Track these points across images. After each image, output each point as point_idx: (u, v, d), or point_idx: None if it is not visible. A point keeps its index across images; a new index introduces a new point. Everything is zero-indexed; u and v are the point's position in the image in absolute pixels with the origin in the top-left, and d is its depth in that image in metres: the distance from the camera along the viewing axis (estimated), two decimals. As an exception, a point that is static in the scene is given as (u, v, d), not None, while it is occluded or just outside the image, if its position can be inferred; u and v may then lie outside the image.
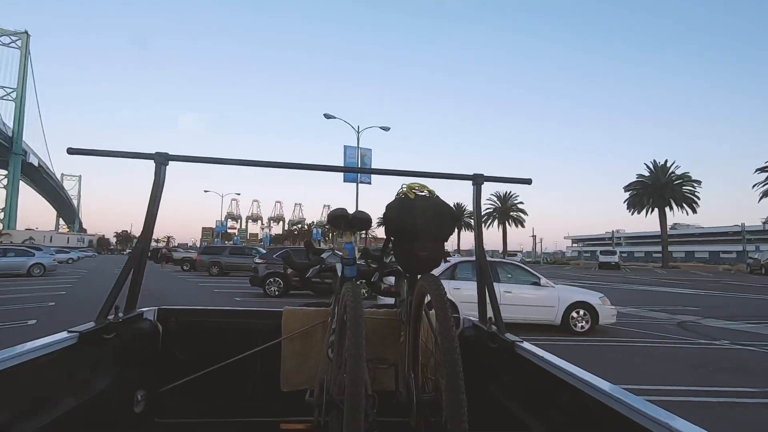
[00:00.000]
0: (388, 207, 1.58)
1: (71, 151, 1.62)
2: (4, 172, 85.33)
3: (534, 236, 68.06)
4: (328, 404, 1.35)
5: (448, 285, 7.39)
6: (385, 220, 1.57)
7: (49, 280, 16.87)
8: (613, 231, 72.54)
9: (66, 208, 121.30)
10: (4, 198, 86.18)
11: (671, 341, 7.18)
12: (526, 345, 1.51)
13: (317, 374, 1.61)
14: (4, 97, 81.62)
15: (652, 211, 43.65)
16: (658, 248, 49.30)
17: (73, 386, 1.34)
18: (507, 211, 58.73)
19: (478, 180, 1.77)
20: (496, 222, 59.65)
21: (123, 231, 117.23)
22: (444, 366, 1.20)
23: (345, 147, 24.84)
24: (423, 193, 1.58)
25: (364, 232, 2.01)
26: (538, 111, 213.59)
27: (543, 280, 7.74)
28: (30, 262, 18.18)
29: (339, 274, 1.73)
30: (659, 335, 7.59)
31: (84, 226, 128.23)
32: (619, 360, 5.98)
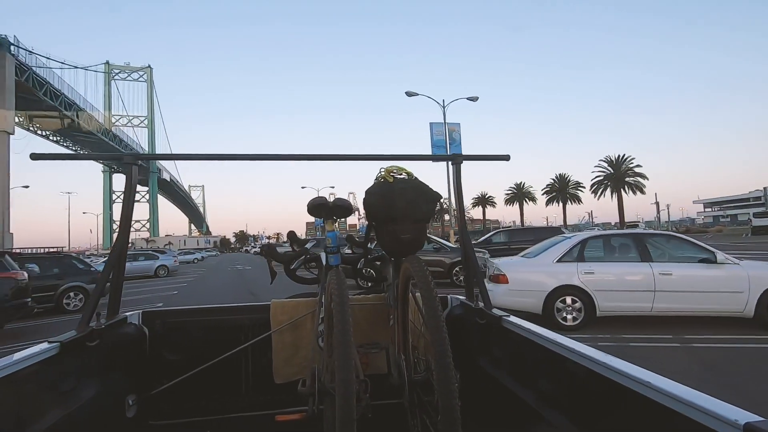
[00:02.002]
0: (368, 192, 1.57)
1: (34, 157, 1.60)
2: (146, 188, 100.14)
3: (657, 203, 58.97)
4: (320, 392, 1.35)
5: (576, 268, 5.66)
6: (365, 206, 1.56)
7: (173, 279, 18.67)
8: (765, 188, 59.06)
9: (194, 215, 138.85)
10: (148, 210, 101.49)
11: None
12: (513, 319, 1.52)
13: (309, 364, 1.59)
14: (139, 125, 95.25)
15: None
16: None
17: (58, 397, 1.31)
18: (622, 177, 51.25)
19: (457, 159, 1.79)
20: (608, 191, 52.54)
21: (240, 231, 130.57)
22: (432, 345, 1.19)
23: (431, 124, 23.31)
24: (402, 176, 1.57)
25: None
26: (655, 60, 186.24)
27: (720, 255, 5.47)
28: (156, 265, 20.21)
29: (324, 263, 1.75)
30: None
31: (210, 228, 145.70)
32: None
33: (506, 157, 1.85)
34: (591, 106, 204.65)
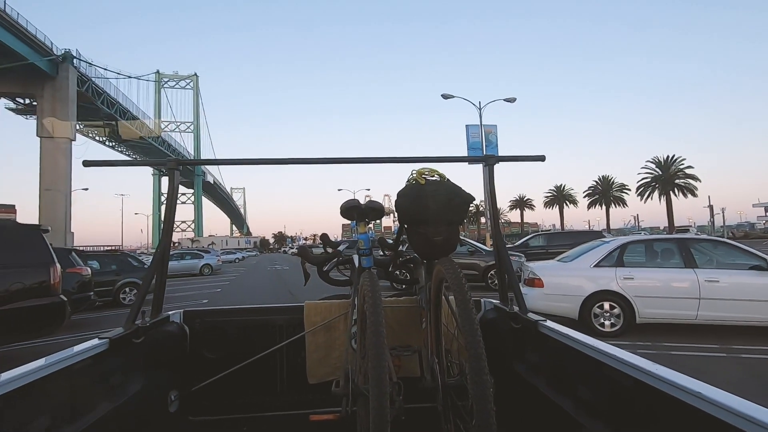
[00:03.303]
0: (399, 194, 1.56)
1: (86, 164, 1.65)
2: (191, 191, 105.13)
3: (711, 206, 55.40)
4: (354, 393, 1.35)
5: (614, 273, 5.55)
6: (397, 208, 1.56)
7: (216, 277, 19.58)
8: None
9: (236, 216, 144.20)
10: (193, 211, 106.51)
11: None
12: (550, 323, 1.48)
13: (342, 365, 1.62)
14: (185, 131, 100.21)
15: None
16: None
17: (107, 390, 1.37)
18: (671, 179, 48.50)
19: (489, 161, 1.76)
20: (656, 193, 49.87)
21: (279, 232, 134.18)
22: (466, 348, 1.16)
23: (467, 126, 23.21)
24: (434, 178, 1.56)
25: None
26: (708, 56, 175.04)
27: (772, 262, 5.20)
28: (200, 264, 21.31)
29: (356, 265, 1.75)
30: None
31: (250, 229, 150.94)
32: None
33: (541, 158, 1.81)
34: (638, 104, 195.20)
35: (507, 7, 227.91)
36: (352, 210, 1.70)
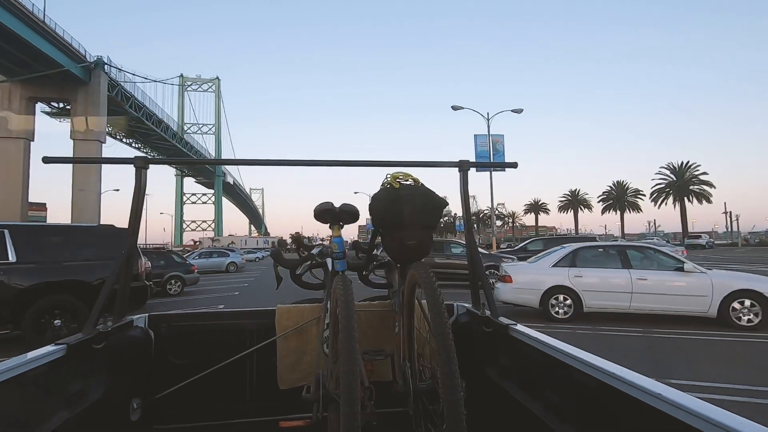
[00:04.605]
0: (374, 198, 1.57)
1: (46, 160, 1.63)
2: (211, 191, 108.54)
3: (728, 213, 55.43)
4: (325, 399, 1.36)
5: (567, 272, 7.01)
6: (371, 212, 1.56)
7: (241, 274, 21.46)
8: None
9: (254, 216, 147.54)
10: (213, 212, 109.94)
11: None
12: (520, 327, 1.51)
13: (314, 370, 1.60)
14: (207, 133, 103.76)
15: None
16: None
17: (65, 399, 1.32)
18: (685, 185, 48.80)
19: (463, 166, 1.75)
20: (671, 199, 50.20)
21: (296, 232, 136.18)
22: (438, 352, 1.18)
23: (475, 136, 24.56)
24: (408, 182, 1.56)
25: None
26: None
27: (688, 265, 6.63)
28: (227, 261, 23.30)
29: (330, 268, 1.77)
30: None
31: (268, 230, 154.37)
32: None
33: (514, 165, 1.86)
34: (655, 109, 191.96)
35: (521, 11, 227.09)
36: (326, 213, 1.69)
